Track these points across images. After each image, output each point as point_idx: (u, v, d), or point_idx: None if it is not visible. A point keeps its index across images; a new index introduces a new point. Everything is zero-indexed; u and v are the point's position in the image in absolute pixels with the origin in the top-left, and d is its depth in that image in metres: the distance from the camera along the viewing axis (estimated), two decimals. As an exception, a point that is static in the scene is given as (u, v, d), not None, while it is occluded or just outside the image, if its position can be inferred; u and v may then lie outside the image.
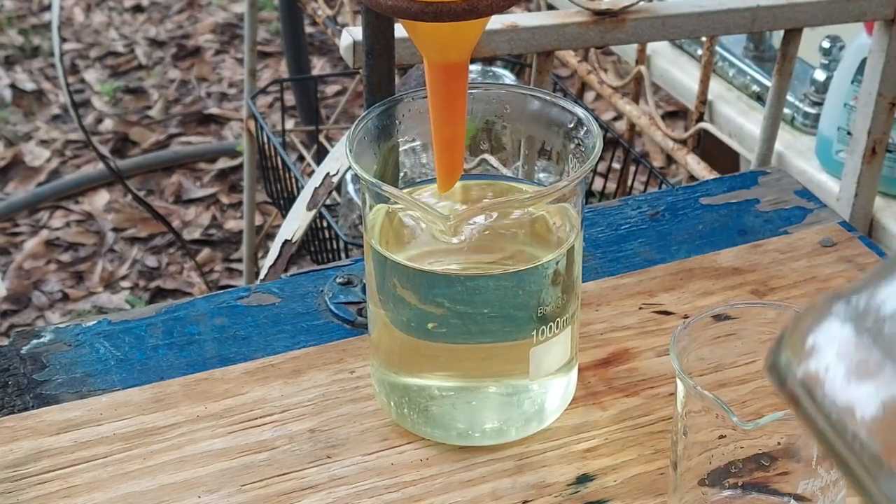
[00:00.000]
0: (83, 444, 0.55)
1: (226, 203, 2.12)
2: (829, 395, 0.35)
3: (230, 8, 2.74)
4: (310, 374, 0.59)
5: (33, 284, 1.94)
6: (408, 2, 0.45)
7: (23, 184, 2.18)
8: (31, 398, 0.58)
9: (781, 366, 0.37)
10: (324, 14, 1.27)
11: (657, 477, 0.54)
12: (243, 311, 0.64)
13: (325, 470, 0.54)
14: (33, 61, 2.55)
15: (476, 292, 0.52)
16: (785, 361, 0.37)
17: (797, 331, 0.37)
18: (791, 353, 0.37)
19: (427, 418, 0.55)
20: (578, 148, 0.54)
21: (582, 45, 0.89)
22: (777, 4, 0.90)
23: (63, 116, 2.36)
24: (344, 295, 0.65)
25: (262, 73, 2.46)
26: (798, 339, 0.37)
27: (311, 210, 1.03)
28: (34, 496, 0.53)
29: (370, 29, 0.59)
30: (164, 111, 2.38)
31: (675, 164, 1.95)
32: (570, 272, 0.53)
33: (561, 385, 0.56)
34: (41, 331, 0.63)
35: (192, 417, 0.57)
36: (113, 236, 2.05)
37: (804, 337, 0.37)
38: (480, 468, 0.54)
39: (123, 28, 2.68)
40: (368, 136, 0.54)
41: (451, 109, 0.51)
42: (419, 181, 0.58)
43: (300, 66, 1.86)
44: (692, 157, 1.05)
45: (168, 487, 0.53)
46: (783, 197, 0.74)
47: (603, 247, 0.70)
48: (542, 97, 0.56)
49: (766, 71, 1.24)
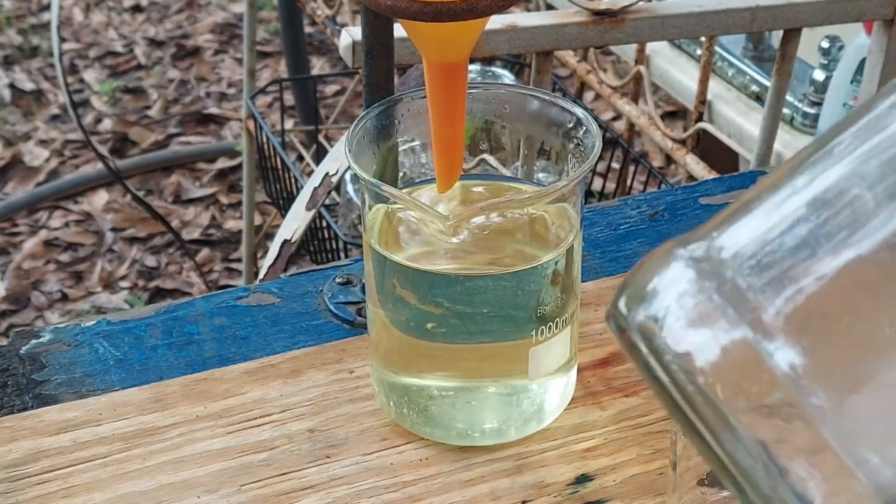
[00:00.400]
0: (82, 444, 0.55)
1: (225, 203, 2.12)
2: (668, 340, 0.34)
3: (229, 8, 2.74)
4: (309, 374, 0.59)
5: (32, 284, 1.95)
6: (407, 1, 0.45)
7: (22, 184, 2.18)
8: (31, 398, 0.58)
9: (621, 311, 0.36)
10: (323, 14, 1.27)
11: (656, 477, 0.54)
12: (242, 311, 0.64)
13: (324, 470, 0.54)
14: (32, 61, 2.55)
15: (475, 292, 0.52)
16: (625, 306, 0.36)
17: (638, 276, 0.36)
18: (631, 298, 0.36)
19: (426, 418, 0.55)
20: (578, 148, 0.54)
21: (581, 44, 0.89)
22: (776, 4, 0.90)
23: (62, 116, 2.36)
24: (343, 295, 0.65)
25: (262, 72, 2.46)
26: (639, 284, 0.36)
27: (310, 210, 1.03)
28: (33, 496, 0.53)
29: (369, 29, 0.59)
30: (164, 111, 2.38)
31: (675, 164, 1.95)
32: (569, 272, 0.53)
33: (560, 385, 0.56)
34: (40, 331, 0.63)
35: (192, 417, 0.57)
36: (112, 236, 2.05)
37: (645, 282, 0.36)
38: (480, 468, 0.54)
39: (122, 28, 2.68)
40: (367, 136, 0.54)
41: (451, 109, 0.51)
42: (418, 181, 0.58)
43: (299, 66, 1.86)
44: (691, 156, 1.05)
45: (167, 487, 0.53)
46: (782, 197, 0.74)
47: (602, 247, 0.70)
48: (541, 97, 0.56)
49: (766, 71, 1.24)
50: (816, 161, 0.36)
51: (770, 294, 0.34)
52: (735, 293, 0.34)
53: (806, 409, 0.32)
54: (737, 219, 0.36)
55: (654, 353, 0.35)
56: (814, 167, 0.36)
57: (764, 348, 0.33)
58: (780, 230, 0.35)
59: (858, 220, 0.34)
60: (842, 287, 0.34)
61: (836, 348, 0.33)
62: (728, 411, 0.33)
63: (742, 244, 0.35)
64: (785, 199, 0.36)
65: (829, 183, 0.35)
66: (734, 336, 0.33)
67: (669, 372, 0.34)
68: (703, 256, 0.35)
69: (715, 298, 0.34)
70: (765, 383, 0.32)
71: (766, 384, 0.32)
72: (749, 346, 0.33)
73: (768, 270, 0.34)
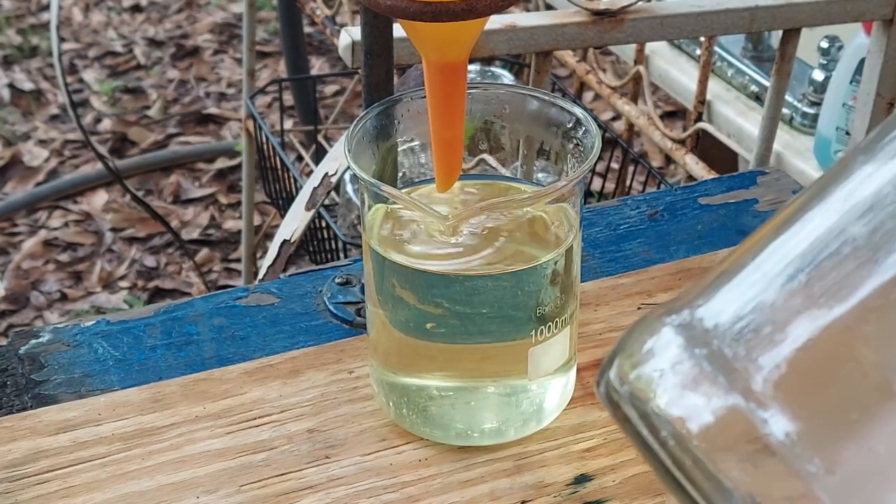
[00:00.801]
0: (82, 444, 0.55)
1: (224, 203, 2.12)
2: (661, 405, 0.35)
3: (229, 8, 2.74)
4: (308, 375, 0.59)
5: (32, 284, 1.94)
6: (406, 2, 0.45)
7: (21, 184, 2.18)
8: (30, 398, 0.58)
9: (611, 379, 0.37)
10: (322, 14, 1.27)
11: (656, 477, 0.54)
12: (242, 311, 0.64)
13: (323, 470, 0.54)
14: (32, 61, 2.55)
15: (474, 292, 0.52)
16: (616, 374, 0.37)
17: (629, 343, 0.38)
18: (623, 365, 0.37)
19: (426, 418, 0.55)
20: (577, 148, 0.54)
21: (580, 45, 0.89)
22: (775, 4, 0.90)
23: (62, 116, 2.36)
24: (343, 295, 0.65)
25: (261, 72, 2.46)
26: (630, 351, 0.37)
27: (309, 210, 1.03)
28: (33, 496, 0.53)
29: (369, 29, 0.59)
30: (163, 111, 2.38)
31: (674, 164, 1.95)
32: (568, 272, 0.53)
33: (559, 385, 0.56)
34: (39, 331, 0.63)
35: (191, 418, 0.57)
36: (111, 236, 2.05)
37: (636, 349, 0.37)
38: (479, 468, 0.54)
39: (122, 28, 2.68)
40: (367, 136, 0.54)
41: (450, 109, 0.51)
42: (418, 181, 0.58)
43: (299, 66, 1.86)
44: (691, 157, 1.05)
45: (166, 487, 0.53)
46: (782, 197, 0.74)
47: (601, 247, 0.70)
48: (540, 97, 0.56)
49: (765, 71, 1.24)
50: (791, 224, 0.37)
51: (756, 362, 0.34)
52: (723, 362, 0.35)
53: (802, 474, 0.32)
54: (718, 286, 0.37)
55: (645, 417, 0.35)
56: (789, 231, 0.37)
57: (757, 416, 0.33)
58: (760, 297, 0.36)
59: (837, 282, 0.35)
60: (825, 349, 0.34)
61: (826, 411, 0.34)
62: (721, 476, 0.33)
63: (725, 314, 0.36)
64: (763, 264, 0.37)
65: (806, 246, 0.36)
66: (726, 403, 0.34)
67: (660, 437, 0.35)
68: (690, 324, 0.36)
69: (705, 366, 0.35)
70: (760, 450, 0.33)
71: (762, 451, 0.33)
72: (742, 413, 0.34)
73: (752, 338, 0.35)
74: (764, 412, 0.33)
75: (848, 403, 0.33)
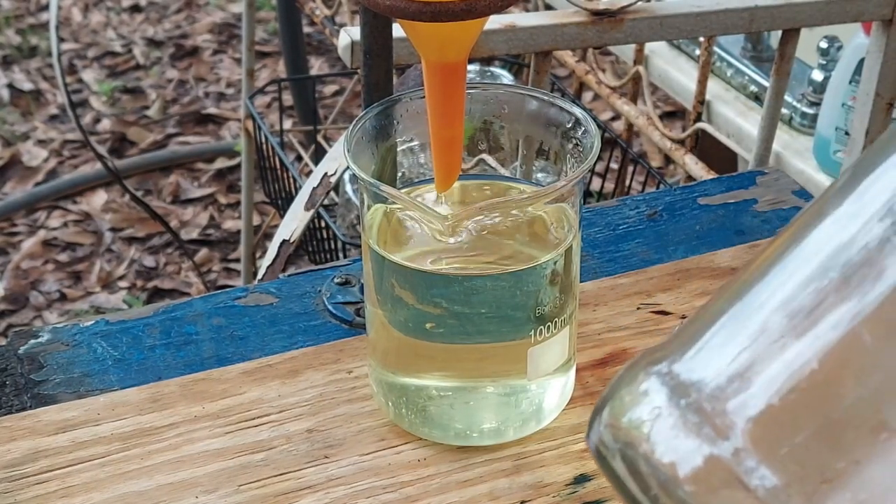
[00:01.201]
0: (81, 443, 0.55)
1: (224, 203, 2.12)
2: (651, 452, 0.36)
3: (228, 8, 2.74)
4: (307, 375, 0.59)
5: (31, 284, 1.94)
6: (406, 2, 0.45)
7: (20, 184, 2.18)
8: (29, 398, 0.58)
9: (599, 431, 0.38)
10: (322, 14, 1.27)
11: None
12: (241, 311, 0.64)
13: (322, 470, 0.54)
14: (31, 61, 2.55)
15: (474, 292, 0.52)
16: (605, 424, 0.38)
17: (616, 393, 0.38)
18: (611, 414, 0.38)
19: (425, 418, 0.55)
20: (576, 148, 0.54)
21: (580, 45, 0.89)
22: (775, 4, 0.90)
23: (61, 116, 2.36)
24: (342, 295, 0.65)
25: (260, 72, 2.46)
26: (617, 401, 0.38)
27: (308, 210, 1.03)
28: (32, 496, 0.53)
29: (368, 29, 0.59)
30: (162, 111, 2.38)
31: (673, 164, 1.95)
32: (568, 272, 0.53)
33: (559, 385, 0.56)
34: (39, 331, 0.63)
35: (190, 417, 0.57)
36: (111, 236, 2.05)
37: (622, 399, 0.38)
38: (478, 468, 0.54)
39: (121, 28, 2.68)
40: (366, 136, 0.54)
41: (450, 109, 0.51)
42: (417, 181, 0.58)
43: (298, 66, 1.86)
44: (690, 157, 1.05)
45: (166, 487, 0.53)
46: (781, 197, 0.74)
47: (601, 247, 0.70)
48: (540, 97, 0.56)
49: (764, 71, 1.24)
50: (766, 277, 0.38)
51: (736, 416, 0.36)
52: (705, 414, 0.35)
53: None
54: (697, 339, 0.38)
55: (633, 464, 0.36)
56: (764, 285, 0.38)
57: (743, 467, 0.34)
58: (736, 350, 0.37)
59: (806, 332, 0.35)
60: (802, 399, 0.35)
61: (808, 457, 0.34)
62: None
63: (704, 369, 0.37)
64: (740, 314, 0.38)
65: (781, 300, 0.37)
66: (712, 452, 0.35)
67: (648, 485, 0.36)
68: (672, 375, 0.37)
69: (690, 417, 0.36)
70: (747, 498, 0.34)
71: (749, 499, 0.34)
72: (726, 464, 0.35)
73: (730, 393, 0.36)
74: (748, 462, 0.34)
75: (828, 449, 0.34)
